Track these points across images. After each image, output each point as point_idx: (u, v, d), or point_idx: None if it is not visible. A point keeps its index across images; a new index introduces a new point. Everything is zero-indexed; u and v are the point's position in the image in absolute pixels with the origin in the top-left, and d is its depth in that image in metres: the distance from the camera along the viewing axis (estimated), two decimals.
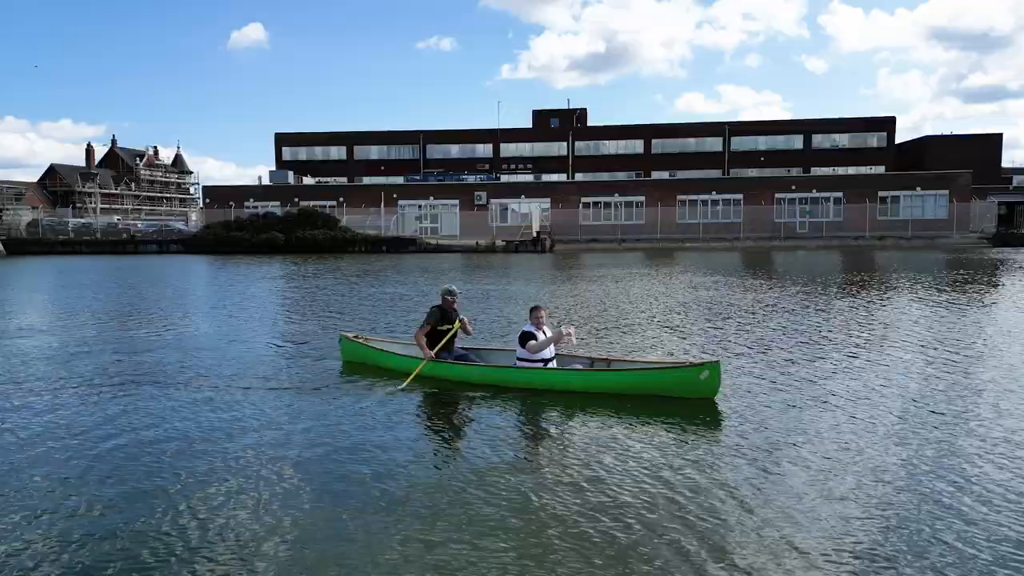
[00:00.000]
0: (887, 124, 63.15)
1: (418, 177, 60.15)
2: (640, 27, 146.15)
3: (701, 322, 13.55)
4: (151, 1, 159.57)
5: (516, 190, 54.44)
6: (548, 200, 52.73)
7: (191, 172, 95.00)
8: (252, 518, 4.71)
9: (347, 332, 9.97)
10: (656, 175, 61.40)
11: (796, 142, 63.82)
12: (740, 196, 51.65)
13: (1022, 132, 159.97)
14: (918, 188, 50.48)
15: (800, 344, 10.97)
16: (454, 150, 67.08)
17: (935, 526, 4.51)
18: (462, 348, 9.04)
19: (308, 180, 61.12)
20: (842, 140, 63.36)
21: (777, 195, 51.40)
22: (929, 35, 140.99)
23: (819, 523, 4.56)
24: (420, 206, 53.57)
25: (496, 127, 66.94)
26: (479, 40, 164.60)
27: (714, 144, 64.34)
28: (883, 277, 23.83)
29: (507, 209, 52.96)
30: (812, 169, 60.23)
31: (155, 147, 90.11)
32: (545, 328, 8.22)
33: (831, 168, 60.09)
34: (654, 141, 65.12)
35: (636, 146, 65.40)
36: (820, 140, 63.57)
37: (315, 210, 47.83)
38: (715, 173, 60.53)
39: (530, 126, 68.40)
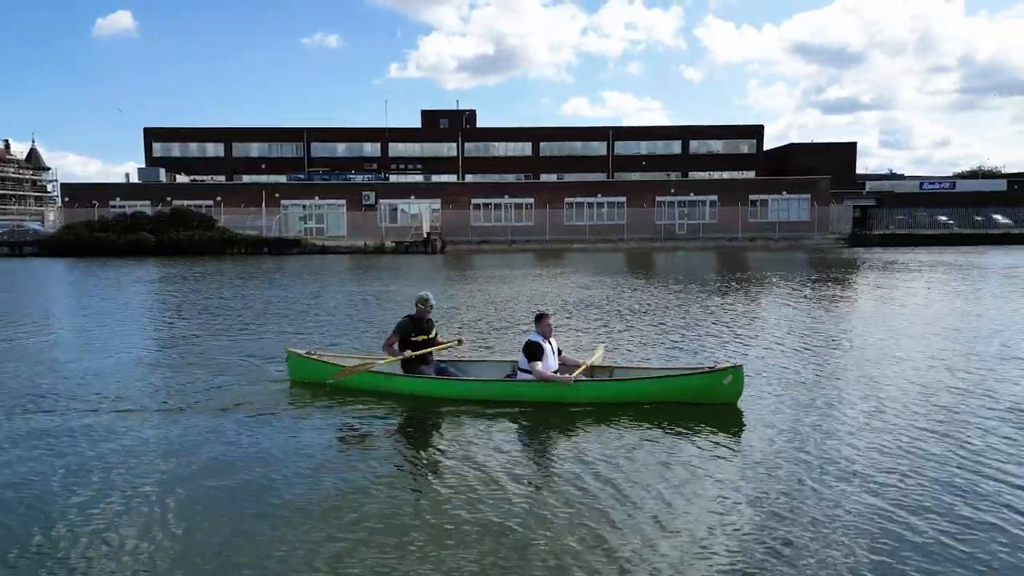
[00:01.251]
0: (756, 132, 67.38)
1: (302, 176, 58.15)
2: (528, 31, 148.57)
3: (592, 320, 13.83)
4: None
5: (405, 190, 53.77)
6: (438, 201, 52.44)
7: (48, 168, 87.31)
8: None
9: (296, 348, 8.66)
10: (545, 177, 62.48)
11: (675, 147, 66.85)
12: (624, 199, 53.44)
13: (873, 141, 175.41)
14: (784, 192, 54.11)
15: (692, 338, 11.42)
16: (340, 149, 65.39)
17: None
18: (440, 362, 8.22)
19: (182, 178, 57.66)
20: (716, 146, 67.00)
21: (658, 198, 53.58)
22: (793, 50, 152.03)
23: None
24: (305, 206, 51.80)
25: (384, 126, 65.93)
26: (366, 38, 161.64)
27: (599, 148, 66.29)
28: (757, 275, 25.34)
29: (396, 209, 52.19)
30: (690, 173, 63.29)
31: (6, 140, 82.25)
32: (552, 340, 7.59)
33: (707, 172, 63.42)
34: (542, 144, 66.29)
35: (525, 148, 66.31)
36: (697, 146, 66.90)
37: (189, 210, 45.12)
38: (600, 176, 62.35)
39: (419, 126, 67.79)
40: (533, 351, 7.33)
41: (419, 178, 62.09)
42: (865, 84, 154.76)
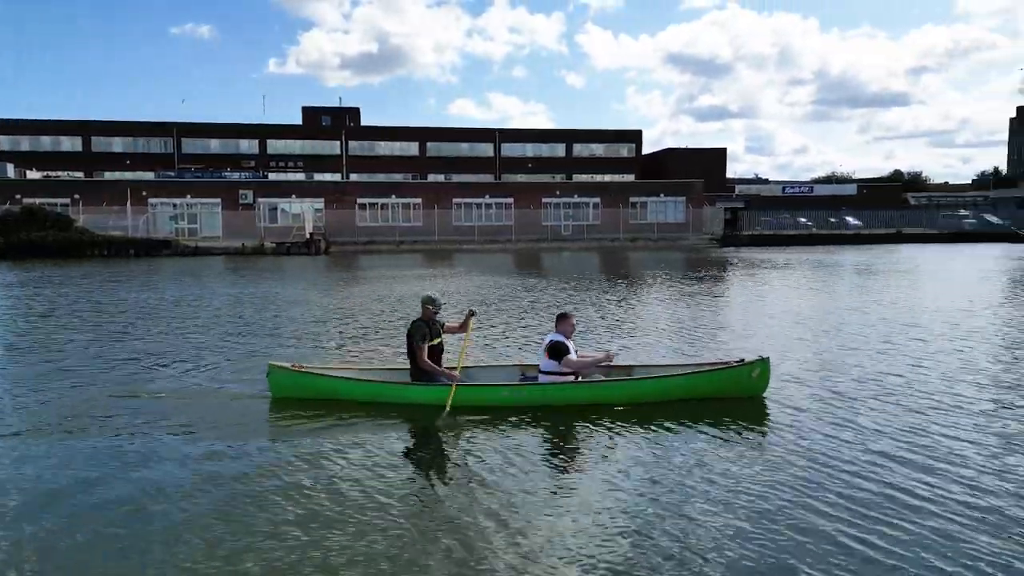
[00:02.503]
0: (635, 137, 70.13)
1: (172, 173, 54.69)
2: (412, 31, 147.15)
3: (494, 318, 13.81)
4: None
5: (286, 189, 51.77)
6: (322, 200, 50.86)
7: None
8: None
9: (279, 361, 7.75)
10: (432, 177, 62.10)
11: (559, 150, 68.39)
12: (511, 200, 54.03)
13: (741, 148, 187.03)
14: (661, 195, 56.63)
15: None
16: (214, 145, 62.07)
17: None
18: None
19: (33, 174, 52.64)
20: (598, 150, 69.16)
21: (544, 199, 54.58)
22: (667, 59, 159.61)
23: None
24: (175, 205, 48.71)
25: (263, 122, 63.22)
26: (243, 30, 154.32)
27: (486, 149, 66.71)
28: (641, 273, 26.32)
29: (276, 209, 50.13)
30: (573, 176, 64.94)
31: None
32: (570, 342, 7.30)
33: (590, 175, 65.31)
34: (429, 144, 65.87)
35: (411, 148, 65.64)
36: (580, 149, 68.76)
37: (42, 208, 41.28)
38: (488, 177, 62.76)
39: (300, 123, 65.53)
40: (561, 350, 7.09)
41: (300, 177, 60.02)
42: (733, 94, 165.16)
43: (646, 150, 71.45)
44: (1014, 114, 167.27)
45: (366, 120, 67.95)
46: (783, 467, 5.50)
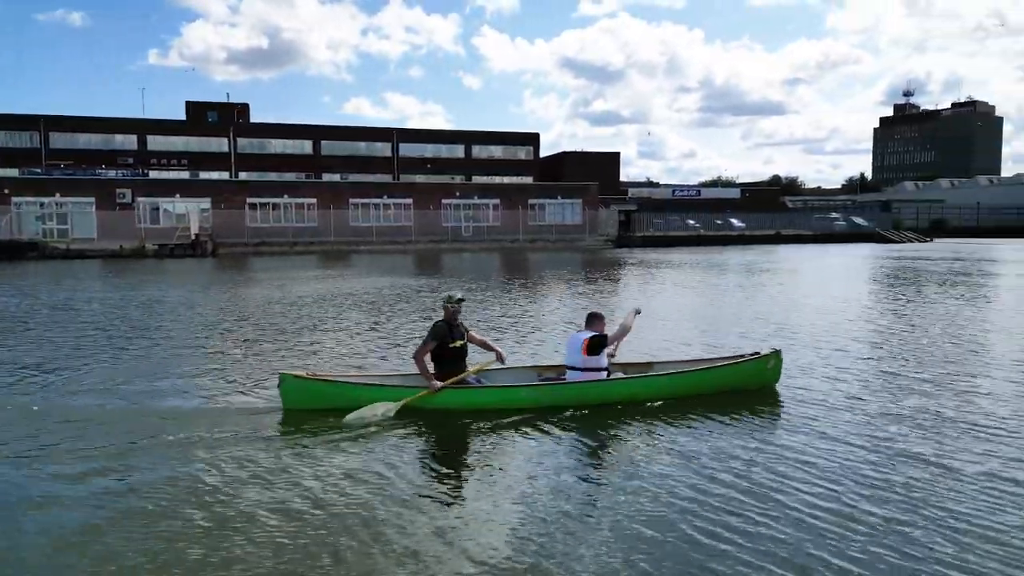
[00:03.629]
0: (533, 139, 71.02)
1: (39, 170, 50.44)
2: (304, 27, 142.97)
3: (403, 318, 13.50)
4: None
5: (169, 188, 48.87)
6: (208, 200, 48.35)
7: None
8: None
9: (292, 371, 7.34)
10: (327, 177, 60.41)
11: (458, 151, 68.23)
12: (410, 200, 53.39)
13: (633, 152, 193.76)
14: (559, 197, 57.65)
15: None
16: (87, 140, 57.66)
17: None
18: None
19: None
20: (497, 151, 69.51)
21: (444, 200, 54.28)
22: (562, 64, 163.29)
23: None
24: (42, 204, 44.89)
25: (142, 117, 59.40)
26: (119, 19, 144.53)
27: (384, 149, 65.58)
28: (543, 273, 26.63)
29: (158, 209, 47.23)
30: (472, 177, 64.99)
31: None
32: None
33: (489, 176, 65.53)
34: (323, 142, 63.99)
35: (305, 146, 63.54)
36: (478, 150, 68.88)
37: None
38: (386, 177, 61.75)
39: (184, 119, 62.07)
40: (601, 342, 7.03)
41: (185, 175, 56.86)
42: (625, 99, 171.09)
43: (543, 153, 72.56)
44: (877, 124, 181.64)
45: (256, 117, 65.28)
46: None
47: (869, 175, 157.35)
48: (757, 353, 7.73)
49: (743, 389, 7.44)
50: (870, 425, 6.48)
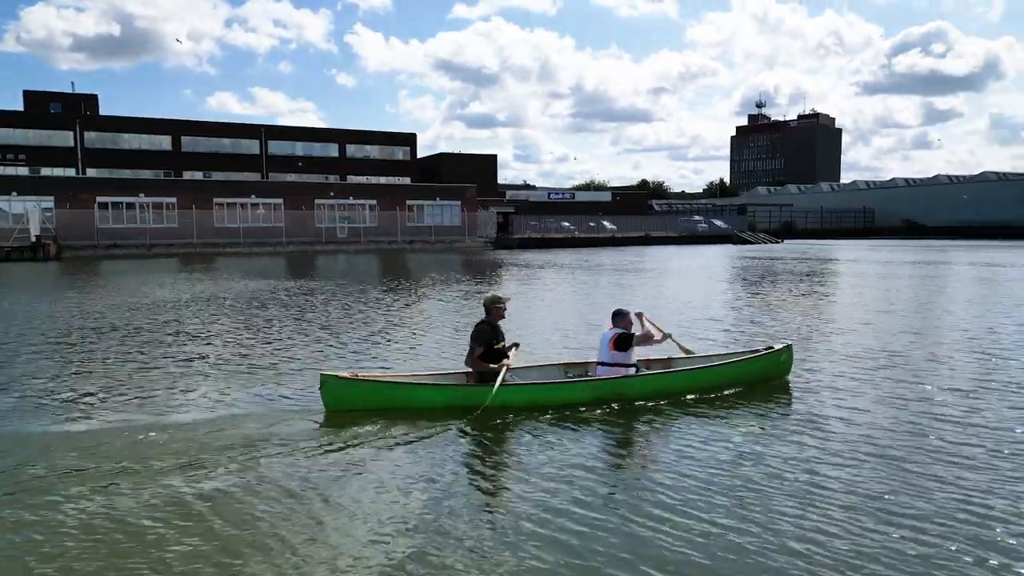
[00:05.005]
0: (410, 140, 70.25)
1: None
2: (161, 15, 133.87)
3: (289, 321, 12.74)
4: None
5: (4, 185, 44.10)
6: (52, 199, 44.06)
7: None
8: None
9: (334, 371, 7.15)
10: (188, 175, 56.87)
11: (332, 150, 66.25)
12: (281, 201, 51.20)
13: (510, 155, 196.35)
14: (437, 199, 57.33)
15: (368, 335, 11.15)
16: None
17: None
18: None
19: None
20: (373, 151, 68.15)
21: (317, 201, 52.50)
22: (437, 66, 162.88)
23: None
24: None
25: None
26: None
27: (251, 146, 62.54)
28: (420, 275, 26.26)
29: None
30: (348, 177, 63.32)
31: None
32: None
33: (365, 177, 64.09)
34: (184, 138, 60.14)
35: (163, 142, 59.45)
36: (353, 150, 67.22)
37: None
38: (254, 176, 58.91)
39: (22, 109, 56.31)
40: (628, 339, 7.32)
41: (23, 171, 51.58)
42: (500, 103, 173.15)
43: (420, 154, 71.94)
44: (734, 133, 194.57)
45: (106, 109, 60.67)
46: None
47: (728, 180, 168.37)
48: (771, 347, 8.15)
49: (759, 382, 7.85)
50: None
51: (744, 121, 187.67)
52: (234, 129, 63.14)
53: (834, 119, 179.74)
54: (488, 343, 7.02)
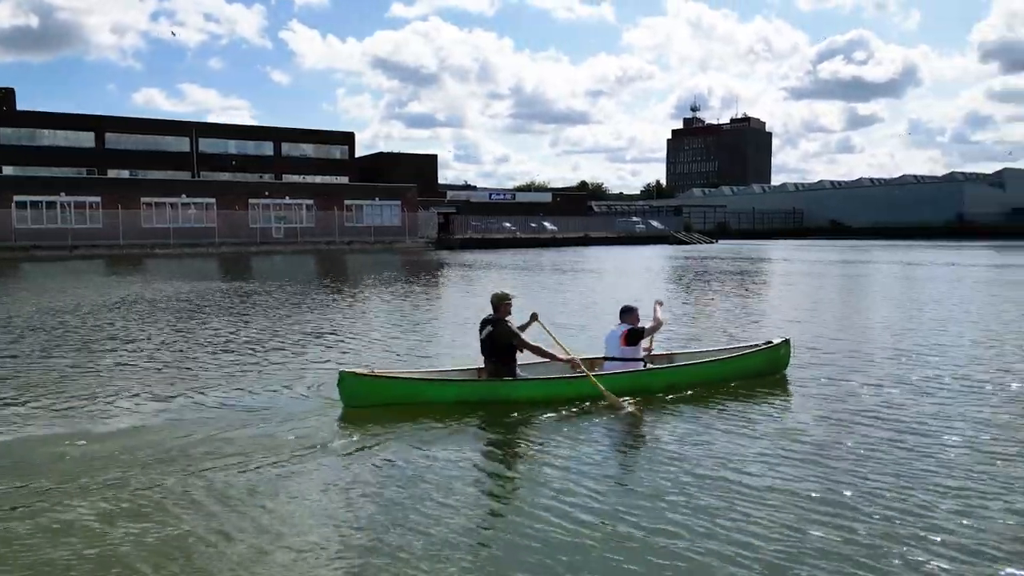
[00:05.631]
0: (348, 138, 69.10)
1: None
2: (83, 7, 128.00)
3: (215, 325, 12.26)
4: None
5: None
6: None
7: None
8: None
9: (354, 368, 7.16)
10: (114, 173, 54.50)
11: (267, 148, 64.57)
12: (213, 200, 49.58)
13: (450, 155, 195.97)
14: (377, 199, 56.58)
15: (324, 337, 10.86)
16: None
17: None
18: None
19: None
20: (309, 150, 66.72)
21: (251, 200, 51.06)
22: (375, 65, 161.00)
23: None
24: None
25: None
26: None
27: (180, 144, 60.37)
28: (357, 276, 25.86)
29: None
30: (284, 176, 61.83)
31: None
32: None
33: (301, 176, 62.70)
34: (108, 135, 57.58)
35: (86, 139, 56.76)
36: (289, 149, 65.67)
37: None
38: (184, 175, 56.90)
39: None
40: (639, 334, 7.53)
41: None
42: (440, 103, 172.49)
43: (359, 153, 70.92)
44: (670, 136, 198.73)
45: (23, 104, 57.27)
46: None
47: (664, 182, 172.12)
48: (770, 342, 8.37)
49: (760, 375, 8.10)
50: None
51: (679, 124, 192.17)
52: (162, 126, 60.86)
53: (764, 123, 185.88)
54: (504, 339, 7.20)
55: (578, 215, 71.37)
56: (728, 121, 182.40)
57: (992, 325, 12.57)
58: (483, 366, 7.38)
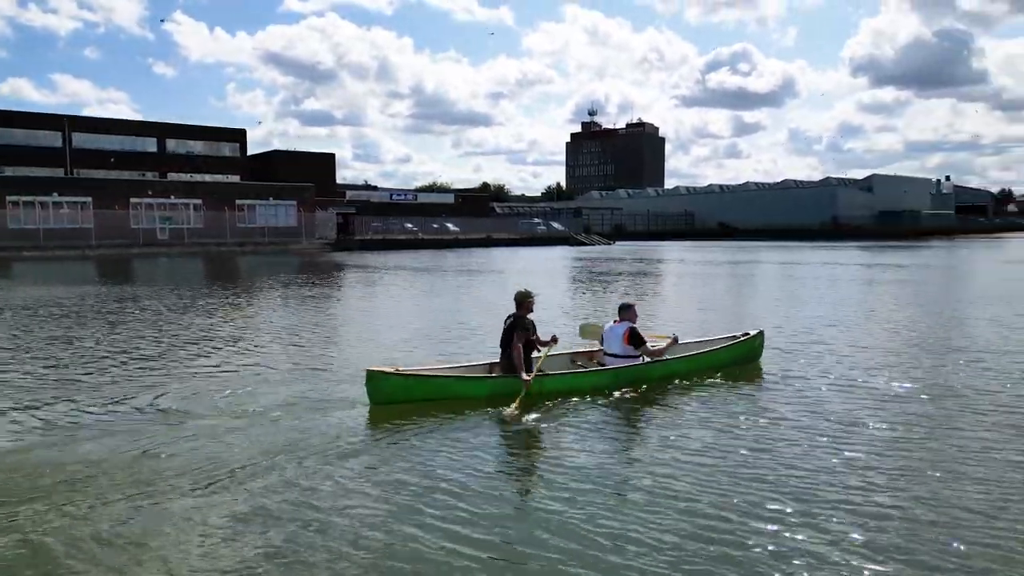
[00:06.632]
0: (239, 135, 66.06)
1: None
2: None
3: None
4: None
5: None
6: None
7: None
8: None
9: (381, 367, 7.20)
10: None
11: (150, 145, 60.75)
12: (89, 199, 46.10)
13: (349, 154, 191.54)
14: (271, 198, 54.40)
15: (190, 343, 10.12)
16: None
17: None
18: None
19: None
20: (197, 147, 63.29)
21: (133, 200, 47.89)
22: (268, 60, 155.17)
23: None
24: None
25: None
26: None
27: (52, 139, 55.82)
28: (250, 280, 24.67)
29: None
30: (169, 174, 58.38)
31: None
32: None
33: (188, 174, 59.38)
34: None
35: None
36: (175, 145, 62.05)
37: None
38: (56, 172, 52.63)
39: None
40: (641, 337, 7.94)
41: None
42: (338, 100, 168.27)
43: (252, 151, 67.99)
44: (569, 139, 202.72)
45: None
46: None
47: (564, 184, 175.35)
48: (747, 334, 9.03)
49: (740, 364, 8.74)
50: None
51: (578, 128, 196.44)
52: (30, 119, 56.05)
53: (658, 128, 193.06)
54: (530, 333, 7.48)
55: (481, 216, 71.44)
56: (624, 126, 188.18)
57: (881, 317, 13.45)
58: (496, 361, 7.66)
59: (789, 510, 4.47)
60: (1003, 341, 10.66)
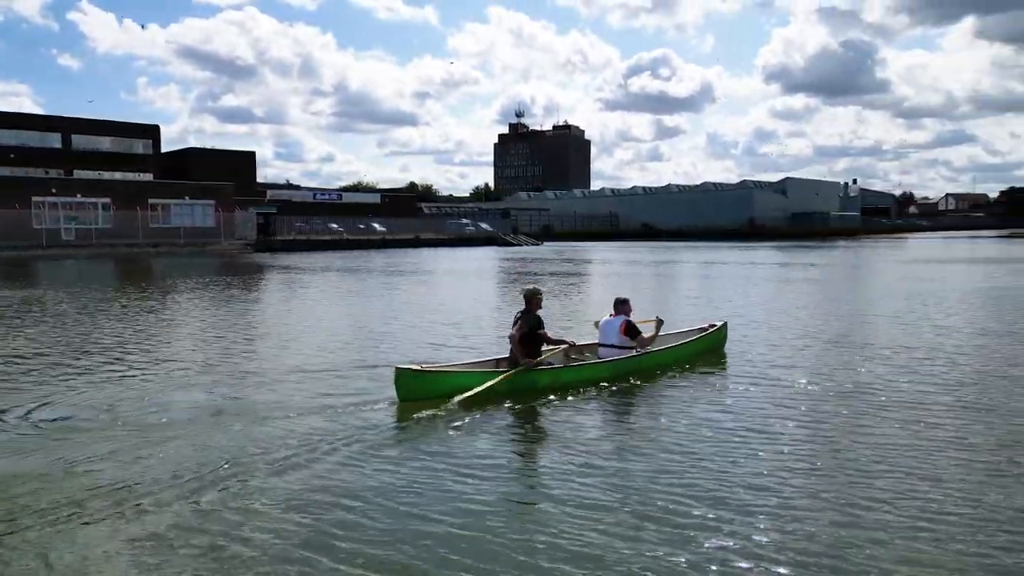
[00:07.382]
0: (152, 132, 63.10)
1: None
2: None
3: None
4: None
5: None
6: None
7: None
8: None
9: (408, 364, 7.43)
10: None
11: (54, 141, 57.28)
12: None
13: (270, 152, 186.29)
14: (187, 197, 52.20)
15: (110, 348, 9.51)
16: None
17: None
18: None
19: None
20: (105, 143, 60.05)
21: (35, 199, 45.04)
22: (183, 53, 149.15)
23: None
24: None
25: None
26: None
27: None
28: (164, 282, 23.57)
29: None
30: (75, 172, 55.16)
31: None
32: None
33: (96, 172, 56.24)
34: None
35: None
36: (82, 142, 58.70)
37: None
38: None
39: None
40: (637, 330, 8.43)
41: None
42: (258, 97, 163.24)
43: (165, 148, 65.06)
44: (496, 140, 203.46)
45: None
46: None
47: (492, 185, 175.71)
48: (714, 325, 9.99)
49: (712, 352, 9.62)
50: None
51: (505, 129, 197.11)
52: None
53: (584, 131, 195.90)
54: (534, 327, 7.79)
55: (408, 216, 70.70)
56: (551, 128, 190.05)
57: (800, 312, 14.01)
58: (506, 356, 7.90)
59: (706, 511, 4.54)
60: (906, 337, 11.30)
